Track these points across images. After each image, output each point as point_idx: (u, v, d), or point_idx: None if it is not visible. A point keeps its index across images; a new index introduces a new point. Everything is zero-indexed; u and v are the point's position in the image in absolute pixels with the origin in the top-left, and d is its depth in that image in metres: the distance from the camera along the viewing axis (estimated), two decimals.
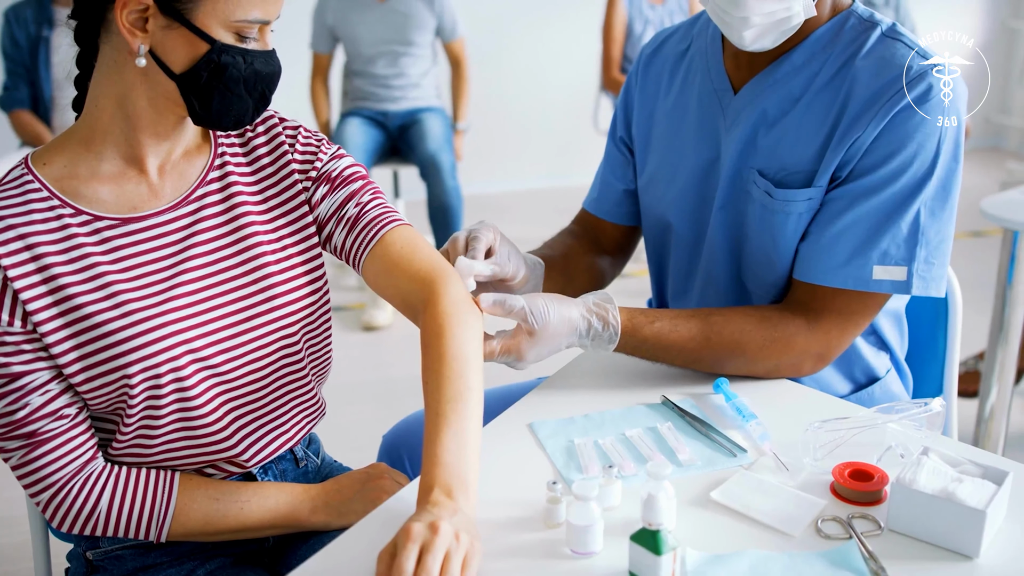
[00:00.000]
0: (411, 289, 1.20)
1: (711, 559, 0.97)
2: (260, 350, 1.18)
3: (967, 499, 0.97)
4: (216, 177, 1.19)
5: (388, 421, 2.82)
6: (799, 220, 1.32)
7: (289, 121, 1.26)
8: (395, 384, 3.22)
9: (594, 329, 1.29)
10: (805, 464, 1.12)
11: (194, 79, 1.07)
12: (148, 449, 1.16)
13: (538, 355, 1.26)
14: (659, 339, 1.31)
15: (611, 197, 1.63)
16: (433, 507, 0.96)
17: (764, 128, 1.35)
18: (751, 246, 1.38)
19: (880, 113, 1.25)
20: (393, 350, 3.52)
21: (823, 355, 1.33)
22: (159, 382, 1.11)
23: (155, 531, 1.15)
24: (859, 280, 1.28)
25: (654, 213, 1.53)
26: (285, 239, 1.22)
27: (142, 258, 1.13)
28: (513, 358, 1.25)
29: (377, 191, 1.26)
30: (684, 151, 1.45)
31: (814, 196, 1.31)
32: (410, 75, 3.88)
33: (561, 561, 0.98)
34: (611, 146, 1.63)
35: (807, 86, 1.32)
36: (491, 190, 5.48)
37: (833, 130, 1.29)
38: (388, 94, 3.86)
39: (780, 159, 1.33)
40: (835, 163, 1.29)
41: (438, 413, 1.06)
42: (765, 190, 1.34)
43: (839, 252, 1.29)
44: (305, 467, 1.33)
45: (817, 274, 1.30)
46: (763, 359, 1.31)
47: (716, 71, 1.42)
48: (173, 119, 1.13)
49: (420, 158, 3.77)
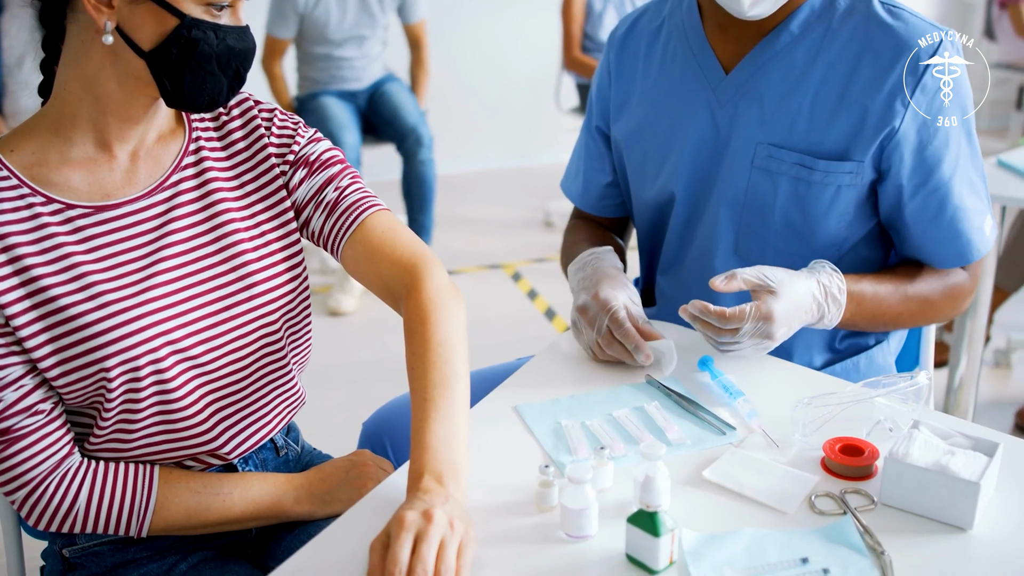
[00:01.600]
0: (393, 275, 1.17)
1: (707, 539, 0.96)
2: (240, 339, 1.15)
3: (961, 472, 0.98)
4: (191, 163, 1.16)
5: (360, 406, 2.81)
6: (837, 193, 1.33)
7: (264, 104, 1.22)
8: (364, 368, 3.19)
9: (826, 287, 1.27)
10: (795, 440, 1.12)
11: (164, 56, 1.03)
12: (127, 443, 1.13)
13: (785, 313, 1.22)
14: (873, 300, 1.33)
15: (595, 192, 1.61)
16: (424, 494, 0.94)
17: (774, 103, 1.34)
18: (767, 223, 1.37)
19: (915, 98, 1.28)
20: (360, 334, 3.48)
21: (968, 293, 1.42)
22: (138, 375, 1.07)
23: (136, 526, 1.12)
24: (984, 244, 1.38)
25: (645, 197, 1.51)
26: (263, 225, 1.18)
27: (117, 247, 1.09)
28: (763, 324, 1.21)
29: (356, 175, 1.24)
30: (673, 132, 1.43)
31: (855, 171, 1.32)
32: (370, 55, 3.87)
33: (556, 545, 0.97)
34: (587, 138, 1.60)
35: (813, 58, 1.31)
36: (452, 171, 5.44)
37: (862, 107, 1.30)
38: (352, 75, 3.84)
39: (802, 132, 1.33)
40: (874, 145, 1.30)
41: (425, 399, 1.05)
42: (799, 163, 1.33)
43: (961, 234, 1.36)
44: (286, 456, 1.30)
45: (955, 259, 1.38)
46: (945, 309, 1.40)
47: (699, 48, 1.40)
48: (144, 101, 1.09)
49: (400, 131, 3.76)
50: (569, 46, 4.31)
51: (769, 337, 1.22)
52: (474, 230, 4.63)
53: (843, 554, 0.94)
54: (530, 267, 4.20)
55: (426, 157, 3.78)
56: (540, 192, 5.24)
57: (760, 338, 1.22)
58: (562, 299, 3.81)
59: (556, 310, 3.72)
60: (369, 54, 3.85)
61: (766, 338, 1.22)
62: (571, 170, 1.66)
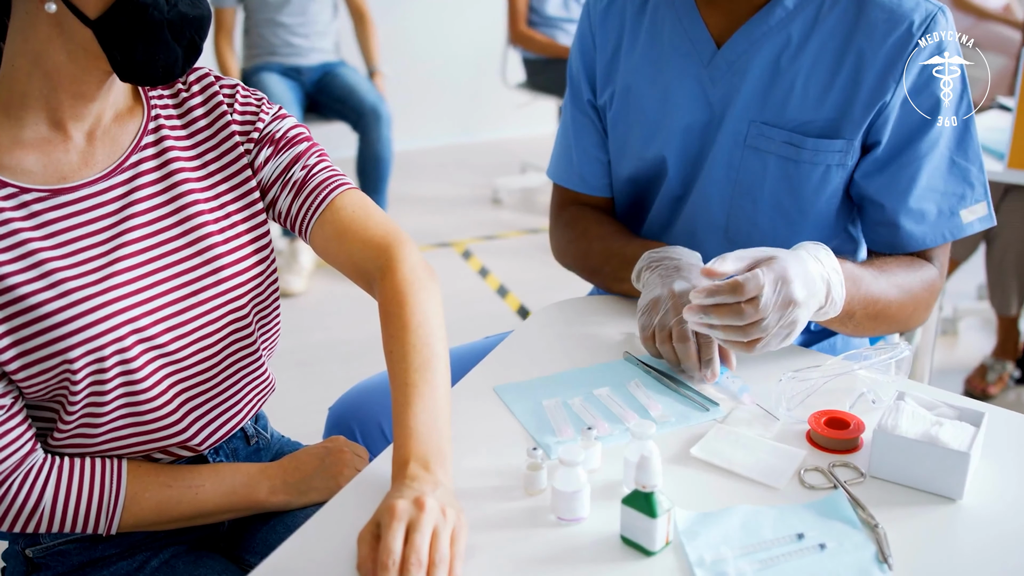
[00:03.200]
0: (365, 256, 1.14)
1: (700, 517, 0.95)
2: (208, 326, 1.11)
3: (950, 442, 0.98)
4: (151, 142, 1.10)
5: (315, 388, 2.77)
6: (827, 172, 1.31)
7: (225, 79, 1.17)
8: (315, 350, 3.14)
9: (825, 265, 1.15)
10: (779, 414, 1.11)
11: (112, 25, 0.97)
12: (92, 437, 1.07)
13: (804, 293, 1.08)
14: (866, 284, 1.23)
15: (599, 171, 1.51)
16: (412, 481, 0.92)
17: (768, 80, 1.31)
18: (756, 204, 1.35)
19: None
20: (309, 316, 3.43)
21: (937, 287, 1.36)
22: (103, 365, 1.02)
23: (105, 523, 1.07)
24: (954, 230, 1.32)
25: (623, 173, 1.47)
26: (228, 205, 1.14)
27: (77, 232, 1.04)
28: (781, 290, 1.07)
29: (323, 153, 1.19)
30: (662, 109, 1.39)
31: (844, 149, 1.30)
32: (316, 23, 3.78)
33: (548, 529, 0.95)
34: (578, 116, 1.51)
35: (808, 32, 1.28)
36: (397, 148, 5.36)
37: (855, 84, 1.27)
38: (297, 44, 3.75)
39: (793, 109, 1.30)
40: (866, 122, 1.28)
41: (407, 383, 1.02)
42: (788, 142, 1.31)
43: (928, 213, 1.31)
44: (257, 444, 1.26)
45: (915, 242, 1.33)
46: (924, 299, 1.33)
47: (690, 21, 1.36)
48: (97, 75, 1.03)
49: (358, 107, 3.71)
50: (515, 20, 4.27)
51: (795, 323, 1.10)
52: (422, 208, 4.58)
53: (837, 528, 0.94)
54: (481, 244, 4.17)
55: (385, 135, 3.73)
56: (487, 169, 5.21)
57: (786, 328, 1.10)
58: (514, 277, 3.79)
59: (508, 287, 3.70)
60: (314, 22, 3.76)
61: (791, 325, 1.10)
62: (560, 155, 1.56)
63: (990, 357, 2.93)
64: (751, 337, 1.09)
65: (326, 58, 3.84)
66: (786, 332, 1.10)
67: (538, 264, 3.94)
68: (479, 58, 5.55)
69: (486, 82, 5.45)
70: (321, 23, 3.80)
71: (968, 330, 3.29)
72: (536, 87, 4.43)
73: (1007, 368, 2.90)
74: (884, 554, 0.89)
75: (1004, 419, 1.12)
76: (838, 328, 1.26)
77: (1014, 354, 2.92)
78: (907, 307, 1.29)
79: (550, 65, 4.26)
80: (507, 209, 4.66)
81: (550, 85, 4.33)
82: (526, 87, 4.50)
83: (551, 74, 4.28)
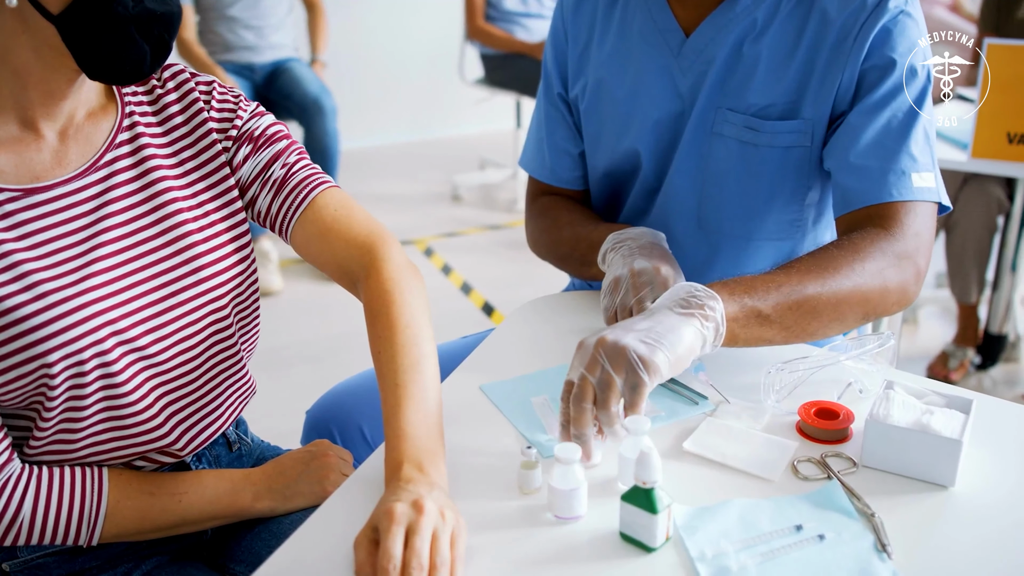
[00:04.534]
0: (349, 256, 1.12)
1: (698, 512, 0.95)
2: (190, 326, 1.08)
3: (942, 430, 0.98)
4: (126, 139, 1.07)
5: (285, 391, 2.72)
6: (786, 155, 1.30)
7: (201, 76, 1.14)
8: (281, 352, 3.09)
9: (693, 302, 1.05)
10: (768, 406, 1.11)
11: (74, 20, 0.95)
12: (71, 444, 1.04)
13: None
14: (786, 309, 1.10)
15: (568, 164, 1.51)
16: (408, 483, 0.90)
17: (733, 66, 1.31)
18: (723, 190, 1.35)
19: (857, 44, 1.24)
20: (279, 316, 3.38)
21: (910, 256, 1.19)
22: (83, 369, 0.99)
23: (86, 535, 1.04)
24: (903, 190, 1.21)
25: (599, 165, 1.46)
26: (206, 204, 1.11)
27: (52, 232, 1.00)
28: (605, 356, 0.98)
29: (302, 151, 1.17)
30: (633, 101, 1.38)
31: (802, 130, 1.29)
32: (269, 17, 3.74)
33: (545, 528, 0.94)
34: (550, 109, 1.51)
35: (770, 17, 1.29)
36: (354, 146, 5.32)
37: (811, 61, 1.27)
38: (251, 39, 3.70)
39: (753, 93, 1.30)
40: (829, 101, 1.27)
41: (397, 384, 1.00)
42: (747, 126, 1.30)
43: (873, 168, 1.23)
44: (239, 451, 1.23)
45: (858, 198, 1.23)
46: (878, 277, 1.15)
47: (659, 11, 1.36)
48: (66, 73, 1.00)
49: (301, 101, 3.66)
50: (472, 15, 4.25)
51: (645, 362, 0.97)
52: (381, 206, 4.55)
53: (834, 518, 0.94)
54: (442, 242, 4.15)
55: (330, 128, 3.67)
56: (446, 165, 5.19)
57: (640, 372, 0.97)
58: (477, 274, 3.77)
59: (472, 284, 3.69)
60: (266, 16, 3.71)
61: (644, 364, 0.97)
62: (531, 146, 1.56)
63: (951, 344, 2.98)
64: (611, 403, 0.98)
65: (282, 54, 3.79)
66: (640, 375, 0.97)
67: (500, 260, 3.93)
68: (436, 54, 5.52)
69: (443, 78, 5.42)
70: (275, 17, 3.75)
71: (928, 318, 3.34)
72: (494, 83, 4.41)
73: (968, 355, 2.95)
74: (883, 543, 0.89)
75: (989, 405, 1.13)
76: (763, 335, 1.10)
77: (974, 341, 2.97)
78: (852, 285, 1.13)
79: (508, 61, 4.25)
80: (467, 206, 4.64)
81: (508, 81, 4.31)
82: (484, 83, 4.48)
83: (509, 70, 4.26)
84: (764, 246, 1.38)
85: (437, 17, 5.42)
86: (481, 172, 4.97)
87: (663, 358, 0.98)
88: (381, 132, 5.66)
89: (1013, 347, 3.03)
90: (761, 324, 1.09)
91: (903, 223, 1.21)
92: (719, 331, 1.04)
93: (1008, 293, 2.86)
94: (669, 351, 0.99)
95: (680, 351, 1.00)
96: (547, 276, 2.99)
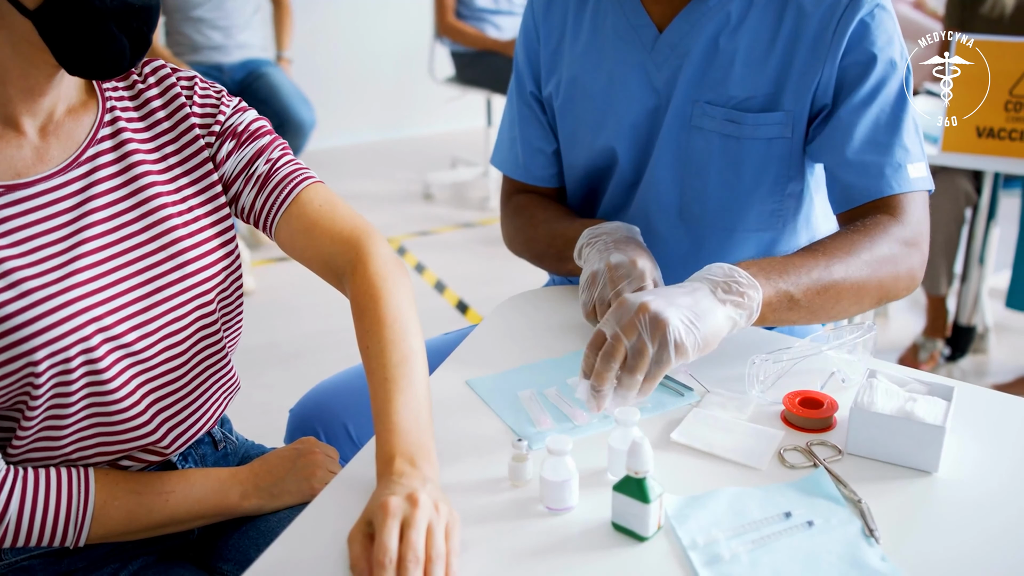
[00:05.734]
0: (334, 251, 1.12)
1: (688, 501, 0.96)
2: (176, 322, 1.07)
3: (925, 417, 1.00)
4: (108, 135, 1.06)
5: (260, 390, 2.71)
6: (769, 147, 1.31)
7: (182, 71, 1.14)
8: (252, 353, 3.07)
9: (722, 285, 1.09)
10: (753, 396, 1.12)
11: (51, 15, 0.94)
12: (56, 442, 1.03)
13: (677, 309, 1.02)
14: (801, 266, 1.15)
15: (542, 162, 1.52)
16: (400, 477, 0.90)
17: (709, 59, 1.32)
18: (705, 182, 1.36)
19: (836, 39, 1.25)
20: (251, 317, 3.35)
21: (916, 242, 1.25)
22: (68, 367, 0.98)
23: (73, 536, 1.03)
24: (902, 183, 1.26)
25: (576, 162, 1.47)
26: (190, 199, 1.10)
27: (34, 229, 0.99)
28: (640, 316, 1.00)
29: (286, 147, 1.17)
30: (608, 97, 1.39)
31: (784, 121, 1.30)
32: (235, 16, 3.72)
33: (537, 519, 0.94)
34: (521, 107, 1.52)
35: (745, 10, 1.30)
36: (324, 145, 5.30)
37: (789, 54, 1.28)
38: (218, 39, 3.67)
39: (733, 87, 1.31)
40: (809, 94, 1.28)
41: (386, 379, 1.00)
42: (728, 119, 1.31)
43: (871, 165, 1.26)
44: (224, 449, 1.23)
45: (861, 194, 1.27)
46: (890, 265, 1.21)
47: (631, 6, 1.37)
48: (45, 69, 0.99)
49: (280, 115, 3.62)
50: (443, 12, 4.25)
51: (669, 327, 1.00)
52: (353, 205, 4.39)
53: (822, 505, 0.95)
54: (415, 240, 4.14)
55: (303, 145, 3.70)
56: (417, 164, 5.18)
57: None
58: (451, 272, 3.77)
59: (445, 283, 3.68)
60: (232, 15, 3.69)
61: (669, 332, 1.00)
62: (503, 144, 1.57)
63: (921, 336, 3.02)
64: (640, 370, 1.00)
65: (250, 54, 3.76)
66: None
67: (473, 258, 3.94)
68: (406, 52, 5.50)
69: (414, 77, 5.41)
70: (241, 17, 3.73)
71: (899, 311, 3.39)
72: (465, 81, 4.41)
73: (937, 346, 2.99)
74: (870, 528, 0.91)
75: (968, 393, 1.15)
76: (792, 318, 1.16)
77: (943, 332, 3.02)
78: (869, 271, 1.19)
79: (479, 58, 4.25)
80: (439, 204, 4.63)
81: (479, 78, 4.31)
82: (455, 81, 4.48)
83: (480, 67, 4.26)
84: (747, 237, 1.39)
85: (407, 14, 5.41)
86: (453, 170, 4.96)
87: (694, 342, 1.02)
88: (352, 131, 5.64)
89: (982, 339, 3.08)
90: (791, 308, 1.14)
91: (907, 211, 1.26)
92: (751, 317, 1.09)
93: (976, 285, 2.90)
94: (700, 337, 1.03)
95: (710, 338, 1.04)
96: (521, 273, 3.00)
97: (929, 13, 4.19)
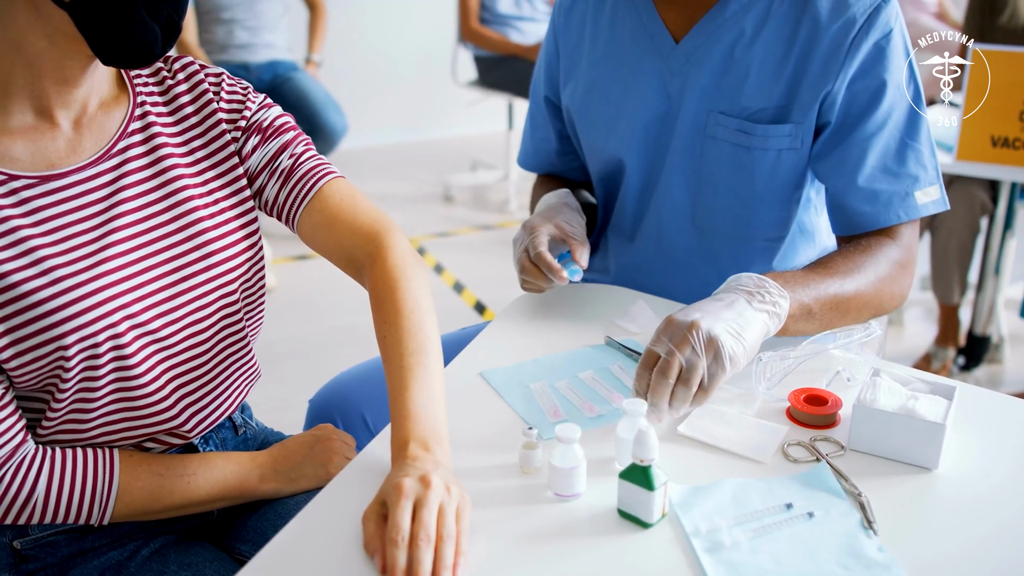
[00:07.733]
0: (355, 244, 1.15)
1: (693, 491, 0.98)
2: (201, 311, 1.11)
3: (926, 414, 1.02)
4: (138, 128, 1.10)
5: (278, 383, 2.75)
6: (778, 157, 1.34)
7: (210, 68, 1.17)
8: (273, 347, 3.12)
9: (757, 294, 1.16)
10: (759, 393, 1.15)
11: (86, 6, 0.97)
12: (82, 425, 1.07)
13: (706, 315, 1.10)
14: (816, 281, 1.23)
15: (545, 160, 1.64)
16: (414, 461, 0.93)
17: (723, 70, 1.34)
18: (717, 191, 1.39)
19: (848, 59, 1.28)
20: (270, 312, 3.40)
21: (907, 264, 1.34)
22: (97, 351, 1.02)
23: (98, 514, 1.07)
24: (908, 210, 1.32)
25: (593, 167, 1.52)
26: (216, 192, 1.14)
27: (67, 218, 1.03)
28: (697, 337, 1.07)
29: (309, 142, 1.21)
30: (622, 103, 1.43)
31: (793, 134, 1.33)
32: (264, 17, 3.79)
33: (545, 505, 0.97)
34: (534, 108, 1.61)
35: (760, 24, 1.32)
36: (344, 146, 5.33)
37: (802, 68, 1.30)
38: (245, 38, 3.73)
39: (746, 98, 1.33)
40: (814, 107, 1.31)
41: (402, 367, 1.03)
42: (739, 129, 1.34)
43: (880, 193, 1.32)
44: (244, 434, 1.26)
45: (868, 221, 1.33)
46: (888, 286, 1.30)
47: (648, 16, 1.40)
48: (80, 60, 1.03)
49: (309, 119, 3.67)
50: (466, 17, 4.29)
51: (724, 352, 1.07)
52: None
53: (823, 498, 0.97)
54: (434, 241, 4.18)
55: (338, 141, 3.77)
56: (439, 166, 5.22)
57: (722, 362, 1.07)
58: (469, 273, 3.81)
59: (464, 283, 3.72)
60: (261, 16, 3.75)
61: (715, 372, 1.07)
62: (524, 142, 1.68)
63: (933, 345, 3.03)
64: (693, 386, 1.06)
65: (276, 55, 3.82)
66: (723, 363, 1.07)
67: (492, 259, 3.97)
68: (429, 56, 5.55)
69: (436, 80, 5.45)
70: (270, 18, 3.79)
71: (913, 320, 3.39)
72: (487, 84, 4.45)
73: (949, 355, 3.00)
74: (869, 521, 0.93)
75: (971, 394, 1.17)
76: (804, 329, 1.22)
77: (955, 341, 3.02)
78: (872, 290, 1.27)
79: (502, 63, 4.29)
80: (459, 206, 4.67)
81: (501, 82, 4.35)
82: (477, 85, 4.52)
83: (502, 72, 4.30)
84: (759, 245, 1.42)
85: (431, 19, 5.46)
86: (473, 173, 5.00)
87: (743, 352, 1.09)
88: (374, 132, 5.69)
89: (996, 348, 3.09)
90: (807, 320, 1.21)
91: (903, 235, 1.35)
92: (779, 325, 1.16)
93: (991, 295, 2.91)
94: (748, 346, 1.10)
95: (753, 348, 1.11)
96: None
97: (952, 25, 4.19)
